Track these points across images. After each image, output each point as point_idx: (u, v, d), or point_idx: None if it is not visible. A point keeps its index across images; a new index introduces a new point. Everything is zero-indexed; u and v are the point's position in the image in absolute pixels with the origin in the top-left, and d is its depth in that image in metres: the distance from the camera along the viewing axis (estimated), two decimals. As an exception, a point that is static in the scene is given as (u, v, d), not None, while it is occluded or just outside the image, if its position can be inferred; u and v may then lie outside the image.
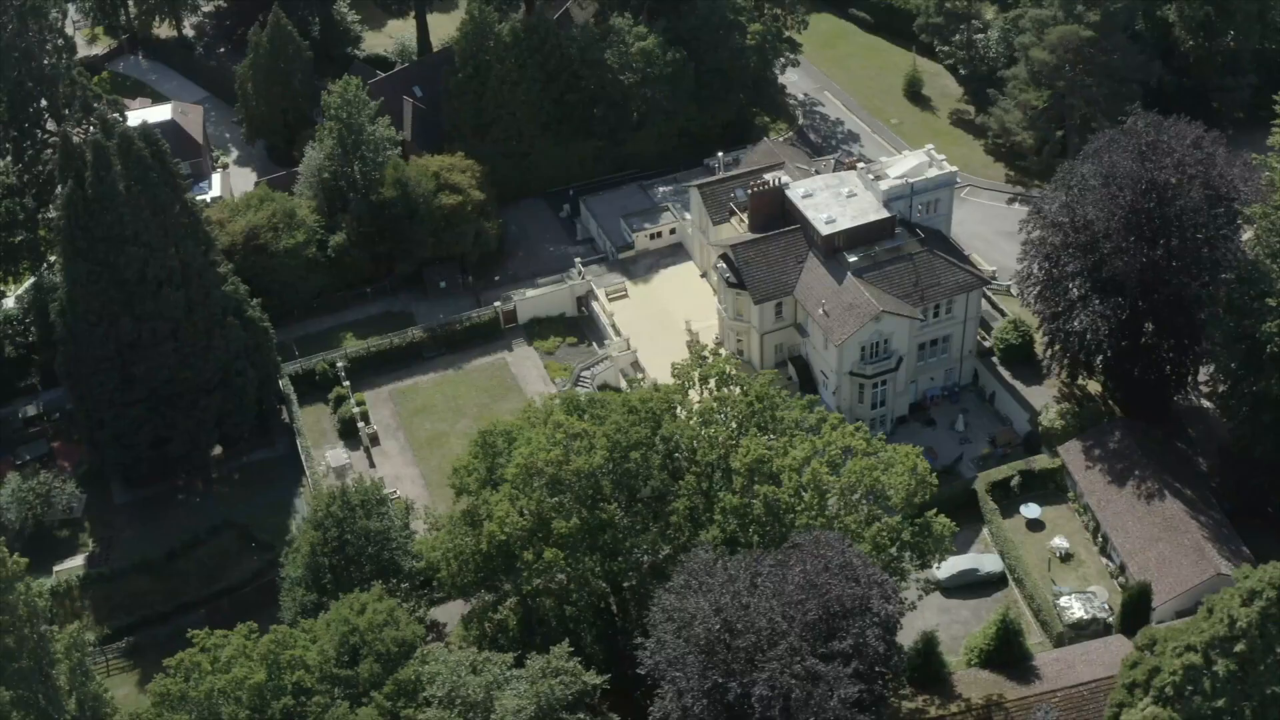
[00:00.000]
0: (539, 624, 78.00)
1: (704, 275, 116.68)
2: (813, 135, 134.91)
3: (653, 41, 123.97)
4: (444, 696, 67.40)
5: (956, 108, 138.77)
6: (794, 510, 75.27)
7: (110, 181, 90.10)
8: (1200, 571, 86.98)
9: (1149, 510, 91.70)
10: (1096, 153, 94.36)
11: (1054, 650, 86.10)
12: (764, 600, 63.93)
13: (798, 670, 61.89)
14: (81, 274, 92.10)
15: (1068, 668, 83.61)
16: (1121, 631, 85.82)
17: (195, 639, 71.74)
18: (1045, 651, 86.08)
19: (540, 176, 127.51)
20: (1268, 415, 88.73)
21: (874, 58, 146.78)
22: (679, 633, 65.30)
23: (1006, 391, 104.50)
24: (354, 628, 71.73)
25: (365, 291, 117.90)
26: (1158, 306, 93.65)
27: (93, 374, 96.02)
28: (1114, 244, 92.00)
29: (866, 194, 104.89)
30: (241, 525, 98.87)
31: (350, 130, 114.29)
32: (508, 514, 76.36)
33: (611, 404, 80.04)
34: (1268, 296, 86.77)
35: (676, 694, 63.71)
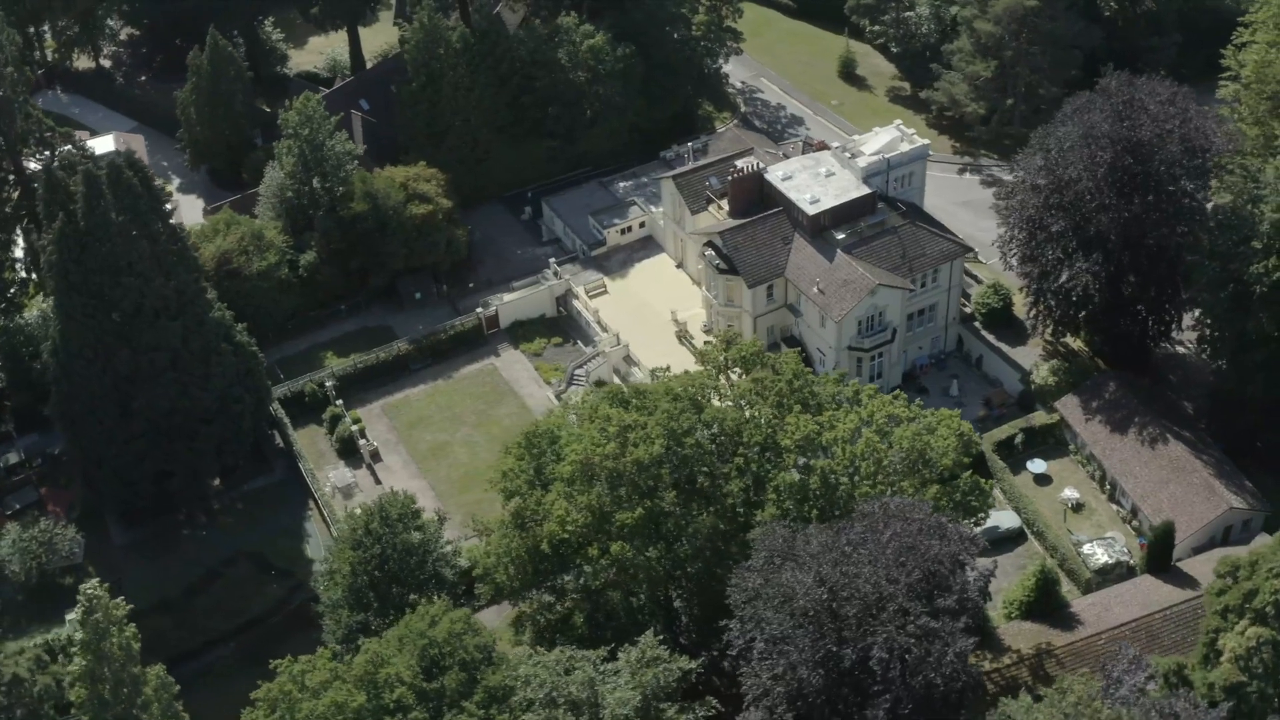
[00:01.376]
0: (607, 619, 77.90)
1: (679, 266, 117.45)
2: (757, 122, 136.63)
3: (601, 39, 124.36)
4: (544, 698, 67.04)
5: (892, 85, 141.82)
6: (851, 482, 76.51)
7: (103, 212, 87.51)
8: (1213, 508, 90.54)
9: (1154, 454, 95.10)
10: (1074, 114, 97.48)
11: (1086, 597, 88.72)
12: (863, 566, 64.94)
13: (912, 630, 63.17)
14: (77, 309, 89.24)
15: (1105, 610, 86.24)
16: (1148, 571, 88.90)
17: (279, 668, 70.29)
18: (1078, 599, 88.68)
19: (497, 181, 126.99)
20: (1257, 354, 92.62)
21: (802, 42, 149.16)
22: (780, 607, 65.95)
23: (994, 354, 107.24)
24: (431, 640, 70.84)
25: (340, 309, 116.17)
26: (1140, 259, 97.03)
27: (90, 412, 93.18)
28: (1097, 201, 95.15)
29: (844, 172, 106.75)
30: (255, 554, 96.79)
31: (311, 147, 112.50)
32: (567, 512, 76.21)
33: (655, 394, 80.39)
34: (1252, 240, 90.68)
35: (789, 666, 64.33)
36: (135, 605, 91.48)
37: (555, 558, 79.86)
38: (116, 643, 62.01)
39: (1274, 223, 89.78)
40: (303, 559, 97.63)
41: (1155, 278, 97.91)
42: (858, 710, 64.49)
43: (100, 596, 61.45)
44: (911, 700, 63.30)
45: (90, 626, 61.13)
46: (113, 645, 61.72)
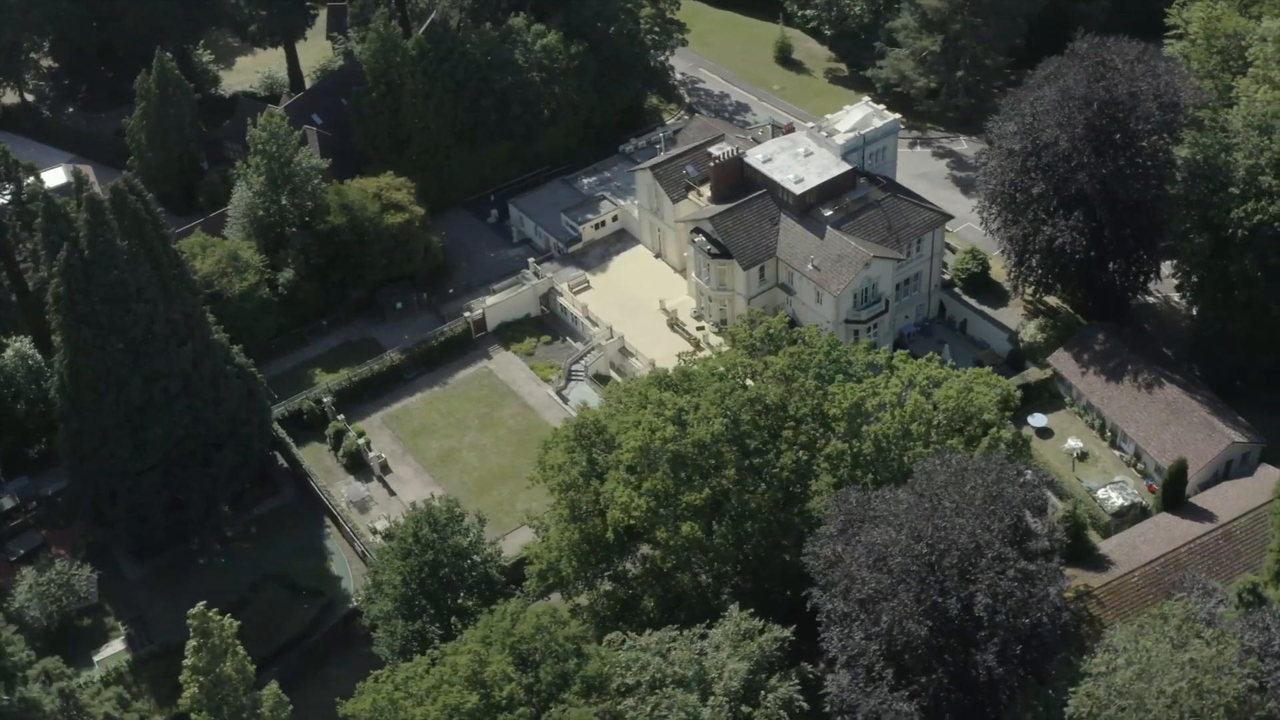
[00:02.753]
0: (677, 601, 78.55)
1: (658, 256, 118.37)
2: (703, 112, 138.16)
3: (554, 37, 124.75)
4: (650, 681, 67.52)
5: (829, 67, 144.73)
6: (902, 444, 78.41)
7: (108, 239, 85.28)
8: (1216, 444, 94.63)
9: (1151, 399, 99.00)
10: (1048, 78, 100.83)
11: (1110, 539, 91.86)
12: (956, 519, 66.76)
13: (1012, 574, 65.23)
14: (87, 340, 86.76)
15: (1132, 550, 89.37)
16: (1164, 509, 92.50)
17: (380, 677, 69.54)
18: (1102, 542, 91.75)
19: (459, 186, 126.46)
20: (1241, 294, 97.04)
21: (734, 31, 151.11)
22: (875, 566, 67.42)
23: (978, 317, 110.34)
24: (521, 636, 70.77)
25: (321, 325, 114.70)
26: (1119, 213, 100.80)
27: (101, 446, 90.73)
28: (1077, 160, 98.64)
29: (822, 151, 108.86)
30: (281, 576, 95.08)
31: (280, 164, 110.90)
32: (630, 499, 76.71)
33: (700, 375, 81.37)
34: (1229, 187, 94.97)
35: (894, 621, 65.82)
36: (166, 639, 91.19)
37: (616, 545, 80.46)
38: (231, 666, 60.62)
39: (1249, 169, 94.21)
40: (329, 576, 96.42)
41: (1134, 230, 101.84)
42: (964, 656, 66.24)
43: (212, 619, 60.01)
44: (1019, 641, 65.39)
45: (206, 651, 59.65)
46: (228, 669, 60.32)
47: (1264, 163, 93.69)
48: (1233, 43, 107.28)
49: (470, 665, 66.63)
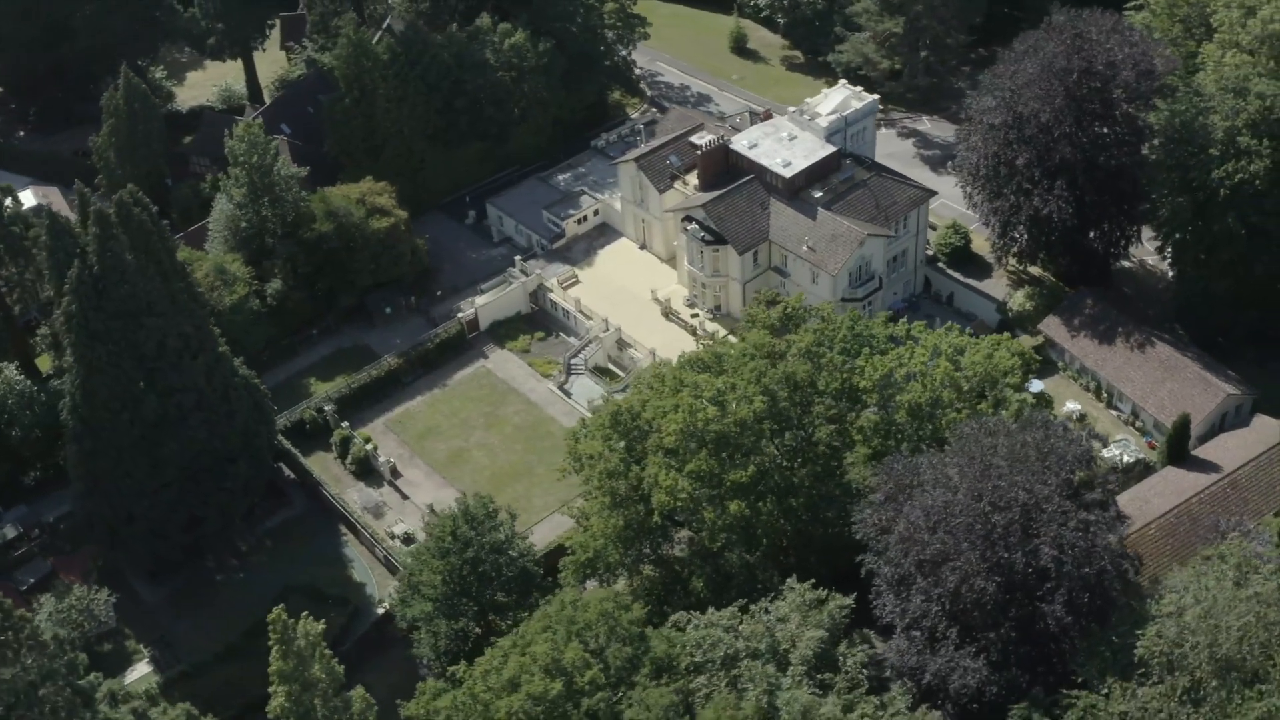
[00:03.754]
0: (726, 580, 79.24)
1: (644, 247, 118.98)
2: (666, 104, 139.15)
3: (521, 36, 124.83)
4: (722, 657, 68.19)
5: (785, 55, 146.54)
6: (934, 411, 79.97)
7: (118, 253, 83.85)
8: (1212, 397, 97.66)
9: (1144, 358, 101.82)
10: (1027, 52, 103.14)
11: (1122, 494, 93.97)
12: (1010, 476, 68.34)
13: (1074, 525, 67.02)
14: (101, 358, 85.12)
15: (1145, 504, 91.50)
16: (1169, 463, 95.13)
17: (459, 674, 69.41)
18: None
19: (433, 189, 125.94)
20: (1225, 253, 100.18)
21: (688, 24, 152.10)
22: (936, 528, 68.73)
23: (964, 289, 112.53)
24: (586, 623, 70.99)
25: (312, 334, 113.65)
26: (1101, 180, 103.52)
27: (116, 466, 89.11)
28: (1060, 130, 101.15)
29: (805, 134, 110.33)
30: (305, 587, 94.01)
31: (260, 174, 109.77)
32: (675, 481, 77.27)
33: (732, 356, 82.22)
34: (1209, 149, 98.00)
35: (961, 579, 67.15)
36: (195, 658, 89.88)
37: (658, 529, 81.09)
38: (320, 668, 59.91)
39: (1226, 130, 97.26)
40: (352, 584, 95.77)
41: (1115, 196, 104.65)
42: (1030, 609, 67.81)
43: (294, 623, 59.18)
44: (1085, 589, 67.17)
45: (293, 656, 58.90)
46: (316, 671, 59.62)
47: (1240, 124, 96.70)
48: (1195, 11, 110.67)
49: (548, 654, 66.67)
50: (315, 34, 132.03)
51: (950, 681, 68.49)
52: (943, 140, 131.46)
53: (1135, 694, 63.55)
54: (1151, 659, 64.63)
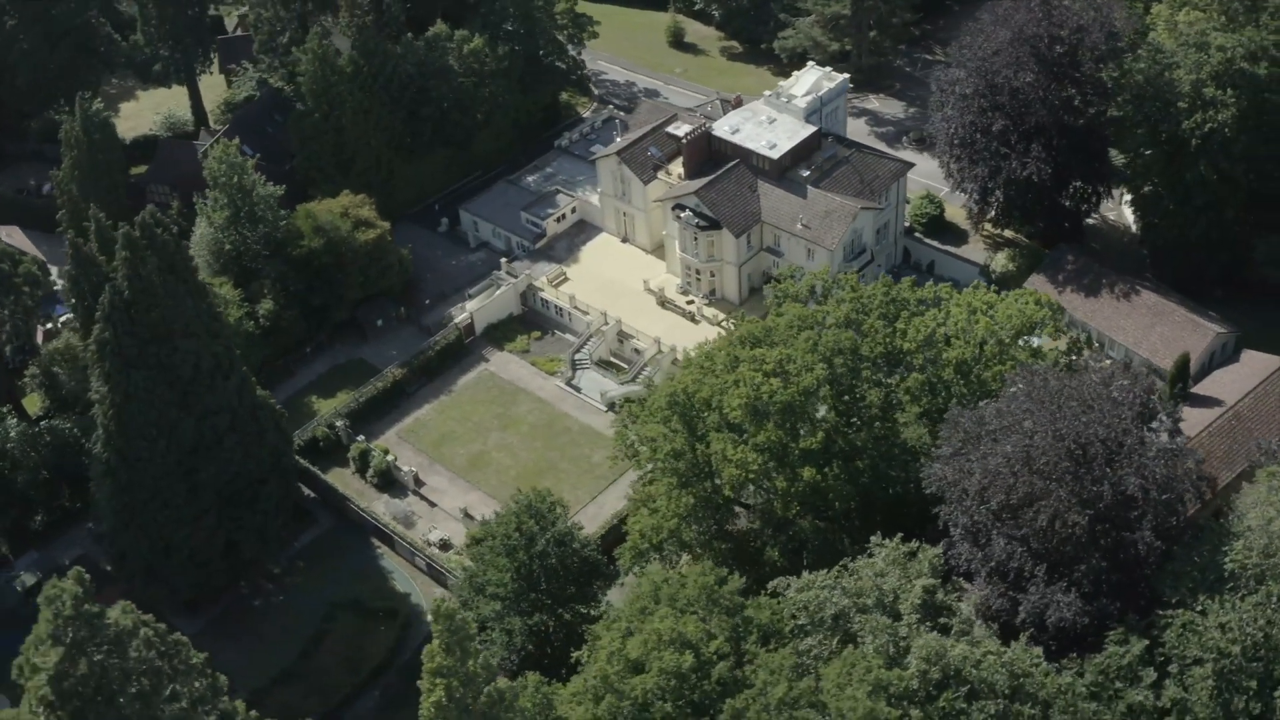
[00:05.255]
0: (800, 546, 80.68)
1: (625, 240, 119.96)
2: (615, 101, 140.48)
3: (479, 41, 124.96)
4: (833, 616, 69.65)
5: (724, 45, 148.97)
6: (978, 365, 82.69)
7: (149, 276, 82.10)
8: (1202, 338, 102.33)
9: (1131, 306, 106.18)
10: (997, 21, 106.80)
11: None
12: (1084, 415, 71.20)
13: (1154, 454, 70.16)
14: (139, 385, 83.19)
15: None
16: (1171, 401, 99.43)
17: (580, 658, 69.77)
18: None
19: (402, 199, 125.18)
20: (1198, 198, 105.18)
21: (623, 22, 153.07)
22: (1020, 470, 71.17)
23: (945, 256, 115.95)
24: (689, 599, 71.74)
25: (306, 352, 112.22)
26: (1074, 139, 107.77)
27: (153, 496, 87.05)
28: (1034, 94, 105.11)
29: (784, 116, 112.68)
30: (351, 603, 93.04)
31: (241, 195, 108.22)
32: (744, 454, 78.51)
33: (779, 329, 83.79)
34: (1178, 102, 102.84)
35: (1053, 515, 69.68)
36: (250, 685, 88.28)
37: (726, 505, 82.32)
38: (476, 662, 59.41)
39: (1192, 83, 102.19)
40: (396, 595, 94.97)
41: (1088, 154, 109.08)
42: (1117, 538, 70.70)
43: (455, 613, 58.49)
44: (1171, 514, 70.35)
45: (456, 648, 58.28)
46: (474, 665, 59.15)
47: (1205, 76, 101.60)
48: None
49: (672, 629, 67.35)
50: (263, 54, 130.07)
51: (1047, 616, 70.90)
52: (893, 117, 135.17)
53: (1236, 605, 66.62)
54: (1243, 572, 67.88)
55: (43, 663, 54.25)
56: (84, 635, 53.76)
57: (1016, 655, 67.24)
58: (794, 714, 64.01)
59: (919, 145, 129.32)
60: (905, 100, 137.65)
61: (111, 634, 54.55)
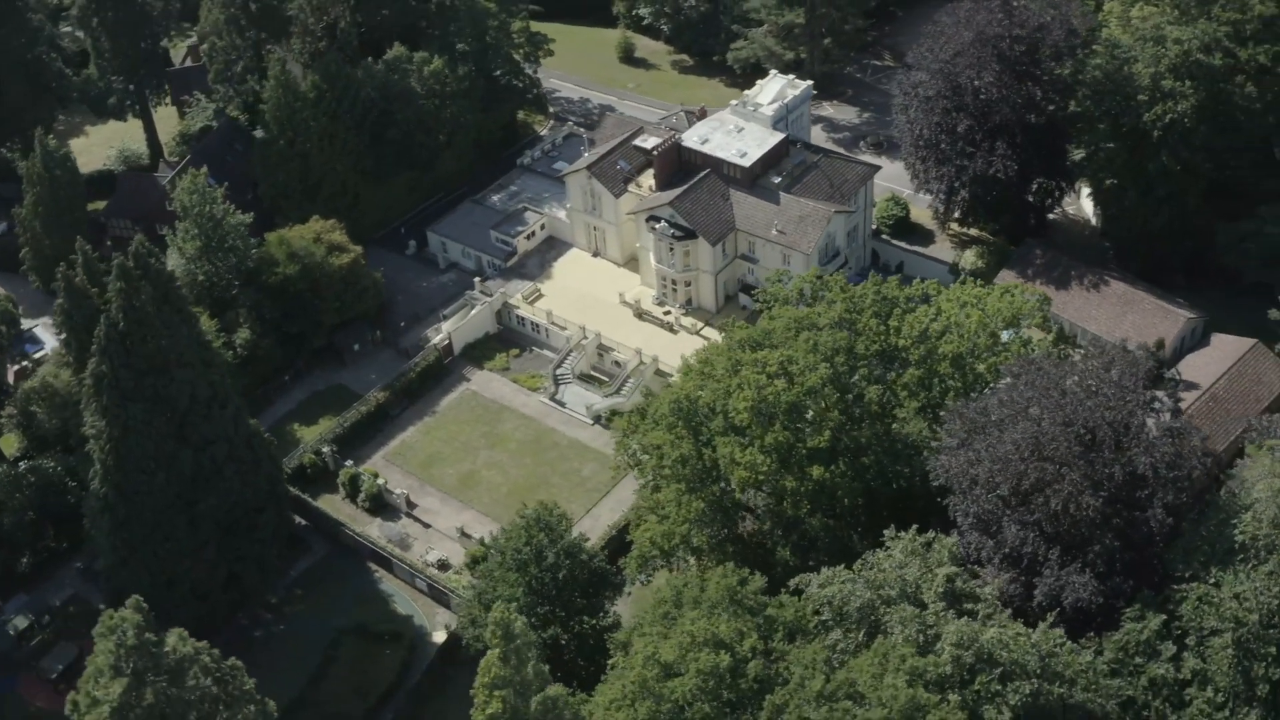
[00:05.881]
0: (811, 545, 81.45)
1: (596, 254, 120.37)
2: (572, 119, 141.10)
3: (439, 63, 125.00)
4: (858, 608, 70.44)
5: (675, 59, 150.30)
6: (973, 358, 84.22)
7: (143, 306, 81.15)
8: (1173, 324, 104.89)
9: (1101, 296, 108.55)
10: (959, 24, 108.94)
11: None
12: (1089, 400, 72.85)
13: (1160, 433, 71.92)
14: (136, 418, 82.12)
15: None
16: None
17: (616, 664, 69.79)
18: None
19: (366, 223, 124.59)
20: (1161, 189, 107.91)
21: (573, 40, 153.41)
22: (1029, 457, 72.60)
23: (912, 257, 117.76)
24: (713, 602, 72.18)
25: (284, 380, 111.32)
26: (1037, 136, 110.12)
27: (154, 530, 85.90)
28: (998, 93, 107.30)
29: (751, 125, 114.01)
30: (355, 628, 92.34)
31: (213, 224, 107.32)
32: (753, 457, 79.21)
33: (777, 331, 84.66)
34: (1138, 95, 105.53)
35: (1066, 498, 71.08)
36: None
37: (734, 508, 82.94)
38: (532, 669, 59.18)
39: (1151, 76, 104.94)
40: (399, 618, 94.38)
41: (1051, 150, 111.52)
42: (1129, 518, 72.34)
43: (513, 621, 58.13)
44: (1181, 491, 72.13)
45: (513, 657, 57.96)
46: (529, 672, 58.95)
47: (1163, 69, 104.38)
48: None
49: (706, 630, 67.74)
50: (219, 83, 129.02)
51: (1064, 597, 72.33)
52: (848, 122, 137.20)
53: (1249, 575, 68.42)
54: (1254, 543, 69.73)
55: (105, 695, 53.42)
56: (145, 665, 52.88)
57: (1042, 637, 68.47)
58: (833, 706, 64.57)
59: (876, 149, 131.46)
60: (859, 106, 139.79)
61: (170, 663, 53.70)
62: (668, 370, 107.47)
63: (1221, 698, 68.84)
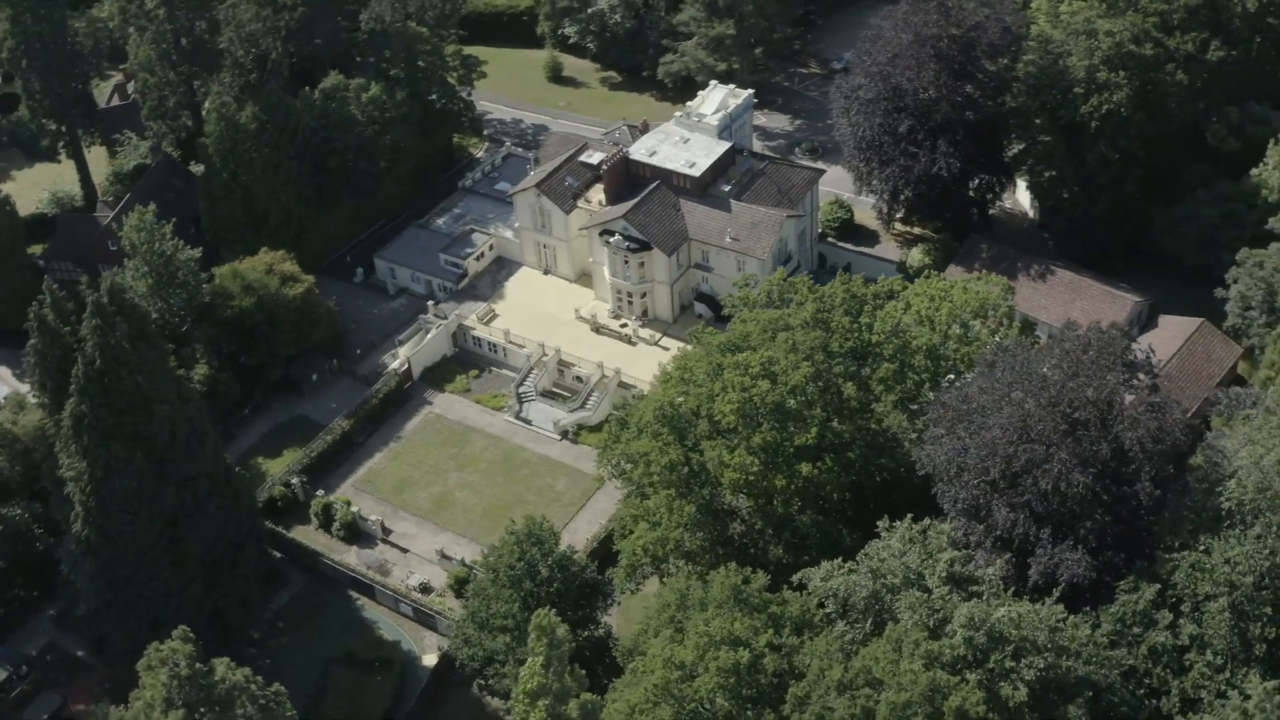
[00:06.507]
0: (803, 541, 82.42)
1: (547, 272, 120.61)
2: (506, 140, 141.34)
3: (377, 89, 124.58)
4: (865, 598, 71.61)
5: (603, 76, 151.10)
6: (945, 348, 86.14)
7: (118, 343, 79.84)
8: (1121, 308, 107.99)
9: (1049, 286, 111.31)
10: (897, 26, 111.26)
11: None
12: (1070, 380, 74.90)
13: (1143, 409, 74.15)
14: (119, 458, 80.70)
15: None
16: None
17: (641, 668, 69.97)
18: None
19: (311, 253, 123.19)
20: (1101, 177, 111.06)
21: (499, 62, 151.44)
22: (1018, 441, 74.41)
23: (860, 258, 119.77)
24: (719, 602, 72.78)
25: (245, 414, 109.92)
26: (976, 133, 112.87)
27: (138, 570, 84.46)
28: (937, 93, 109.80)
29: (697, 135, 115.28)
30: (344, 658, 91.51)
31: (163, 260, 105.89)
32: (742, 458, 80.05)
33: (754, 334, 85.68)
34: (1074, 88, 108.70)
35: (1057, 477, 72.89)
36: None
37: (726, 511, 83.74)
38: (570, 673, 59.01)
39: (1086, 68, 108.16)
40: (386, 644, 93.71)
41: (990, 146, 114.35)
42: (1118, 492, 74.44)
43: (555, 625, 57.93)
44: (1167, 463, 74.40)
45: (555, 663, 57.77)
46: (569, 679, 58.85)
47: (1097, 60, 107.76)
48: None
49: (722, 629, 68.35)
50: (152, 120, 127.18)
51: (1059, 574, 74.16)
52: (781, 130, 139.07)
53: (1240, 539, 70.72)
54: (1240, 509, 72.12)
55: (159, 729, 52.42)
56: (197, 697, 52.11)
57: (1047, 613, 70.12)
58: (854, 694, 65.54)
59: (812, 155, 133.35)
60: (790, 113, 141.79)
61: (221, 693, 52.94)
62: (631, 382, 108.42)
63: (1220, 660, 71.03)
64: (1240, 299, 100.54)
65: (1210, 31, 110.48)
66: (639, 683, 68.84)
